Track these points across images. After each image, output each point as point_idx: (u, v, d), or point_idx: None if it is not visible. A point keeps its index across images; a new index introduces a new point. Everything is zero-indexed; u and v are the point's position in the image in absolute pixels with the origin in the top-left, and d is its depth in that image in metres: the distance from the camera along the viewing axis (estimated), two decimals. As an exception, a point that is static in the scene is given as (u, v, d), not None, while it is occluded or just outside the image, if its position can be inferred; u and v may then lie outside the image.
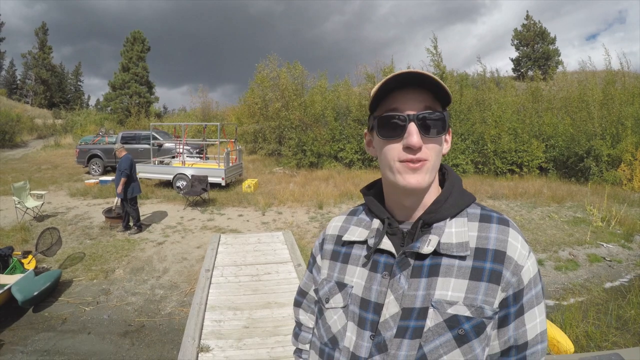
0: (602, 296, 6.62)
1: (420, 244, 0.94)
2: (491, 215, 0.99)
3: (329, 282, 1.09)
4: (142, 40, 38.70)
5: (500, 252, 0.92)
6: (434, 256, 0.94)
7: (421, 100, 0.93)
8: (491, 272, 0.91)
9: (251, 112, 23.63)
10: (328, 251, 1.15)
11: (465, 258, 0.92)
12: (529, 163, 16.85)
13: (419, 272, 0.94)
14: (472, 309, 0.89)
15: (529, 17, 48.26)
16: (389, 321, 0.94)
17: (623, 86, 18.97)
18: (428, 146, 0.93)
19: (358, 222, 1.12)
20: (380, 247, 0.99)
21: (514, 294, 0.92)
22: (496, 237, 0.94)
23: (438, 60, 20.26)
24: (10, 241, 8.14)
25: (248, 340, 4.33)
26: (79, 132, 29.82)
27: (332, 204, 11.54)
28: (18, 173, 16.43)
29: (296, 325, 1.35)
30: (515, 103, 20.21)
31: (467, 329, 0.89)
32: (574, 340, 4.89)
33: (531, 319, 0.94)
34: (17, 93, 54.17)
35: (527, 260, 0.93)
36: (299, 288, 1.33)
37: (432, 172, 0.95)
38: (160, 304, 6.26)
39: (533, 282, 0.94)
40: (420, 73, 0.89)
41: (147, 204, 11.36)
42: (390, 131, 0.95)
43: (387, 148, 0.96)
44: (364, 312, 0.98)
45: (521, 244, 0.94)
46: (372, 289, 0.98)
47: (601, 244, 8.62)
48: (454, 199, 1.01)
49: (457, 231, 0.96)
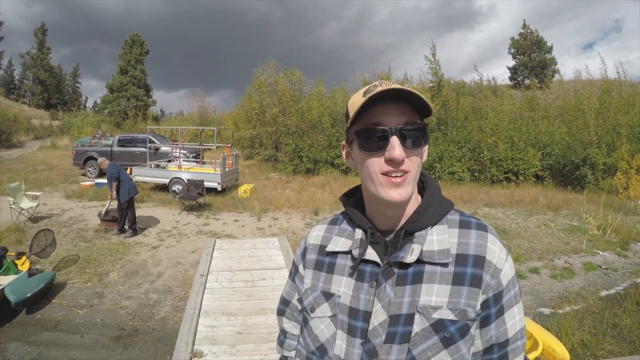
0: (598, 304, 6.62)
1: (403, 253, 0.97)
2: (470, 221, 1.02)
3: (314, 291, 1.10)
4: (141, 43, 38.70)
5: (480, 257, 0.96)
6: (417, 264, 0.97)
7: (402, 113, 0.95)
8: (472, 276, 0.94)
9: (248, 118, 23.62)
10: (311, 261, 1.15)
11: (447, 265, 0.96)
12: (525, 171, 16.90)
13: (403, 280, 0.97)
14: (455, 312, 0.93)
15: (526, 26, 48.66)
16: (377, 328, 0.96)
17: (619, 95, 19.10)
18: (410, 158, 0.95)
19: (340, 232, 1.13)
20: (365, 257, 1.01)
21: (494, 295, 0.96)
22: (475, 242, 0.98)
23: (436, 68, 20.31)
24: (4, 242, 8.11)
25: (242, 347, 4.30)
26: (76, 134, 29.74)
27: (328, 211, 11.52)
28: (14, 173, 16.37)
29: (280, 333, 1.36)
30: (512, 111, 20.27)
31: (453, 332, 0.92)
32: (569, 348, 4.89)
33: (511, 318, 0.98)
34: (15, 93, 54.02)
35: (505, 263, 0.98)
36: (282, 297, 1.33)
37: (413, 183, 0.98)
38: (154, 309, 6.22)
39: (511, 284, 0.98)
40: (401, 89, 0.91)
41: (143, 207, 11.32)
42: (372, 144, 0.95)
43: (369, 161, 0.97)
44: (354, 320, 1.00)
45: (499, 248, 0.98)
46: (360, 298, 1.00)
47: (597, 252, 8.64)
48: (435, 207, 1.03)
49: (438, 239, 0.99)
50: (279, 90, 20.61)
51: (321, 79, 22.87)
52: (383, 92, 0.91)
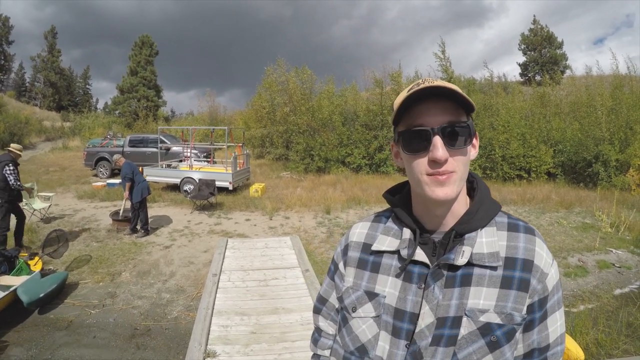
0: (612, 303, 6.56)
1: (454, 255, 0.96)
2: (518, 224, 1.02)
3: (357, 290, 1.09)
4: (151, 44, 38.94)
5: (529, 260, 0.95)
6: (466, 266, 0.96)
7: (444, 112, 0.94)
8: (520, 280, 0.94)
9: (259, 117, 23.68)
10: (353, 259, 1.14)
11: (496, 268, 0.95)
12: (537, 168, 16.74)
13: (452, 282, 0.96)
14: (502, 316, 0.93)
15: (536, 22, 48.05)
16: (424, 330, 0.96)
17: (631, 90, 18.84)
18: (454, 157, 0.94)
19: (386, 230, 1.11)
20: (414, 257, 1.00)
21: (539, 300, 0.96)
22: (524, 246, 0.97)
23: (446, 65, 20.21)
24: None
25: (255, 346, 4.31)
26: (87, 135, 29.98)
27: (339, 209, 11.51)
28: (26, 175, 16.44)
29: (315, 330, 1.34)
30: (523, 108, 20.08)
31: (499, 336, 0.92)
32: (584, 347, 4.85)
33: (553, 323, 0.99)
34: (26, 95, 54.54)
35: (551, 267, 0.98)
36: (319, 295, 1.32)
37: (460, 182, 0.96)
38: (166, 308, 6.25)
39: (556, 289, 0.99)
40: (440, 86, 0.90)
41: (155, 207, 11.37)
42: (416, 146, 0.95)
43: (414, 163, 0.96)
44: (399, 321, 0.99)
45: (546, 253, 0.98)
46: (407, 299, 0.99)
47: (610, 250, 8.54)
48: (485, 209, 1.02)
49: (487, 241, 0.98)
50: (289, 89, 20.64)
51: (331, 78, 22.85)
52: (423, 89, 0.90)
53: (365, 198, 12.42)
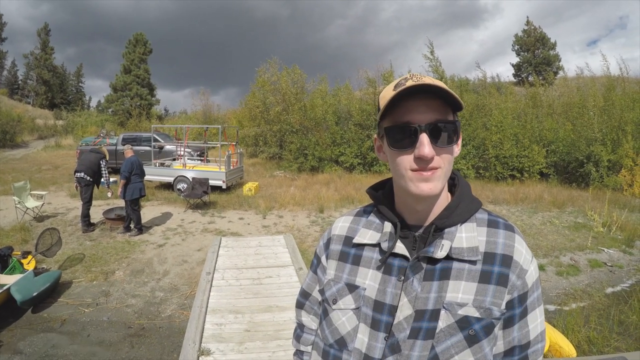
0: (604, 301, 6.62)
1: (433, 248, 0.97)
2: (498, 220, 1.03)
3: (338, 283, 1.10)
4: (144, 43, 38.84)
5: (508, 256, 0.97)
6: (445, 260, 0.97)
7: (432, 109, 0.94)
8: (499, 275, 0.95)
9: (252, 116, 23.69)
10: (335, 252, 1.14)
11: (475, 262, 0.96)
12: (529, 168, 16.86)
13: (431, 276, 0.97)
14: (481, 310, 0.93)
15: (530, 23, 48.37)
16: (402, 323, 0.96)
17: (623, 91, 18.98)
18: (440, 155, 0.94)
19: (367, 224, 1.12)
20: (394, 250, 1.00)
21: (519, 296, 0.97)
22: (504, 242, 0.98)
23: (436, 65, 20.32)
24: (10, 241, 8.11)
25: (249, 344, 4.31)
26: (80, 133, 29.91)
27: (333, 208, 11.53)
28: (18, 173, 16.42)
29: (297, 326, 1.34)
30: (516, 108, 20.23)
31: (477, 329, 0.93)
32: (576, 345, 4.90)
33: (533, 320, 0.99)
34: (19, 93, 54.24)
35: (531, 264, 0.99)
36: (302, 289, 1.32)
37: (443, 179, 0.97)
38: (160, 307, 6.24)
39: (535, 286, 0.99)
40: (430, 84, 0.90)
41: (148, 206, 11.34)
42: (402, 142, 0.95)
43: (399, 159, 0.96)
44: (378, 314, 1.00)
45: (525, 250, 0.99)
46: (387, 292, 1.00)
47: (602, 249, 8.62)
48: (465, 205, 1.03)
49: (467, 236, 0.99)
50: (281, 88, 20.66)
51: (324, 77, 22.88)
52: (411, 87, 0.90)
53: (359, 197, 12.44)
